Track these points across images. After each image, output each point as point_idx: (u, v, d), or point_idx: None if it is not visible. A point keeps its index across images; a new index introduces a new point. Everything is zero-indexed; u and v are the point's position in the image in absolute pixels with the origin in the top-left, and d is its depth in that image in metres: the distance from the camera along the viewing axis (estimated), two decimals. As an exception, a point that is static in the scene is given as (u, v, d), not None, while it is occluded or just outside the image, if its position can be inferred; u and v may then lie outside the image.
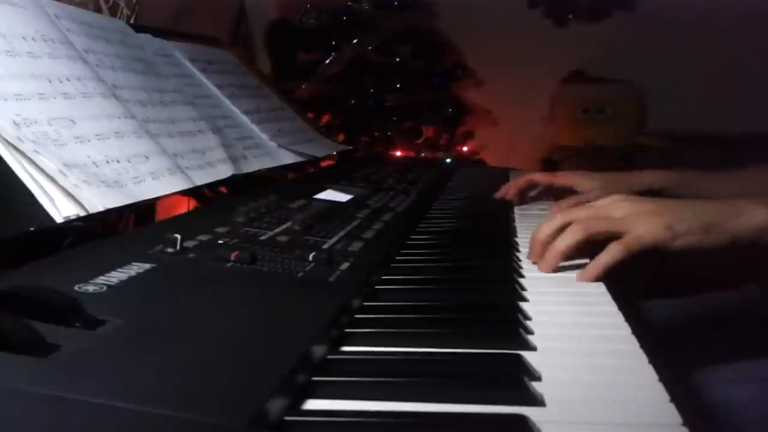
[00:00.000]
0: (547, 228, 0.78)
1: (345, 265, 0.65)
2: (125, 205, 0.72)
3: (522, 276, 0.75)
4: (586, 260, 0.77)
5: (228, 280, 0.59)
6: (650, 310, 1.05)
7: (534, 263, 0.79)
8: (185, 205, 1.04)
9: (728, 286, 1.09)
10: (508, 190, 1.19)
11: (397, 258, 0.80)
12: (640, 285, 0.91)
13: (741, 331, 0.99)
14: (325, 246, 0.72)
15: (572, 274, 0.76)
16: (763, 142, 2.23)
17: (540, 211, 1.14)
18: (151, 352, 0.42)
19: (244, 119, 1.20)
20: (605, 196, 0.82)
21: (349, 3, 2.62)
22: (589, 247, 0.77)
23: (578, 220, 0.76)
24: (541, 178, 1.19)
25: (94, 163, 0.72)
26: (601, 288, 0.71)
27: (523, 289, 0.70)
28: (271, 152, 1.19)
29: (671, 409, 0.44)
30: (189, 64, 1.16)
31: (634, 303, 0.98)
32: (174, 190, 0.83)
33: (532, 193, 1.23)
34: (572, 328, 0.59)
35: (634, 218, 0.74)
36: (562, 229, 0.76)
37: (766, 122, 2.33)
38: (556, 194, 1.20)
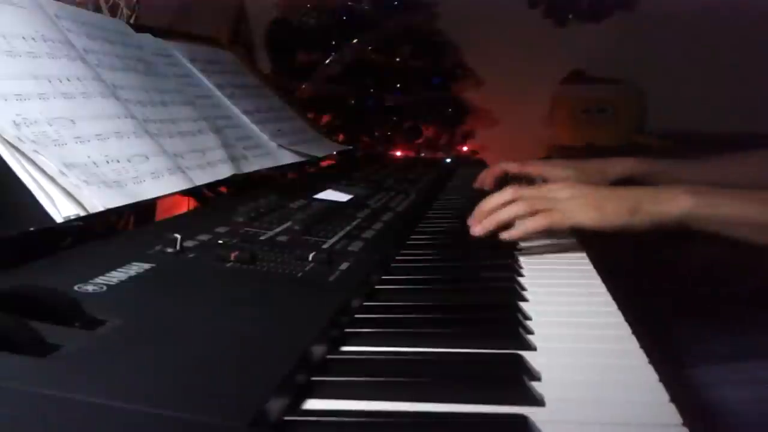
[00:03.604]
0: (495, 199, 0.86)
1: (345, 265, 0.65)
2: (125, 205, 0.72)
3: (522, 276, 0.75)
4: (583, 254, 0.84)
5: (228, 280, 0.59)
6: (650, 310, 1.05)
7: (468, 225, 0.86)
8: (185, 205, 1.04)
9: (728, 285, 1.09)
10: (485, 180, 1.21)
11: (397, 258, 0.80)
12: (640, 285, 0.92)
13: (740, 332, 0.99)
14: (325, 246, 0.72)
15: (572, 275, 0.76)
16: (763, 142, 2.23)
17: None
18: (151, 352, 0.42)
19: (244, 119, 1.20)
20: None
21: (349, 3, 2.62)
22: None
23: (523, 197, 0.84)
24: (513, 167, 1.20)
25: (94, 163, 0.72)
26: (601, 288, 0.71)
27: (523, 289, 0.70)
28: (271, 152, 1.19)
29: (671, 409, 0.44)
30: (189, 64, 1.16)
31: (634, 303, 0.98)
32: (174, 190, 0.83)
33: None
34: (572, 328, 0.59)
35: (570, 200, 0.83)
36: (507, 203, 0.84)
37: (766, 122, 2.33)
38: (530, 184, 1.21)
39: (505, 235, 0.83)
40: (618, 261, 0.80)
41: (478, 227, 0.85)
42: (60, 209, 0.63)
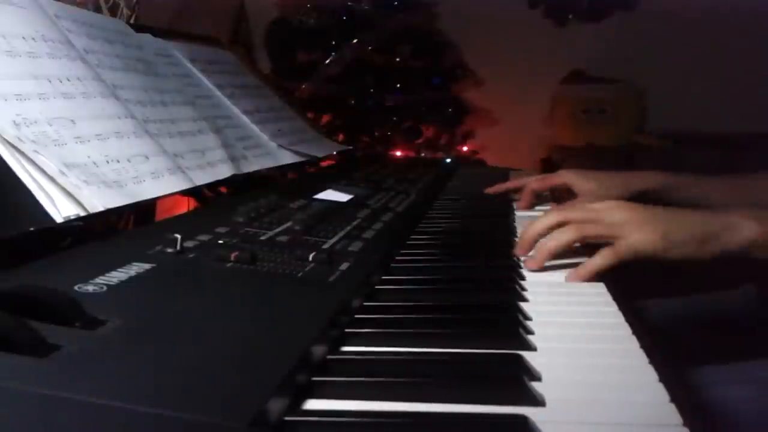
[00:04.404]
0: (541, 224, 0.78)
1: (345, 265, 0.65)
2: (125, 205, 0.72)
3: (522, 276, 0.75)
4: (584, 254, 0.77)
5: (228, 280, 0.59)
6: (650, 310, 1.05)
7: (520, 257, 0.79)
8: (185, 205, 1.04)
9: (727, 286, 1.09)
10: (521, 204, 1.16)
11: (397, 258, 0.80)
12: (640, 285, 0.91)
13: (740, 332, 0.99)
14: (325, 246, 0.72)
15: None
16: (763, 142, 2.23)
17: (539, 212, 1.14)
18: (151, 352, 0.42)
19: (244, 119, 1.20)
20: (602, 199, 0.81)
21: (349, 3, 2.62)
22: (583, 249, 0.77)
23: (573, 220, 0.76)
24: (538, 185, 1.16)
25: (94, 163, 0.72)
26: (601, 288, 0.71)
27: (523, 289, 0.70)
28: (271, 152, 1.19)
29: (671, 409, 0.44)
30: (189, 64, 1.16)
31: (634, 303, 0.98)
32: (174, 190, 0.83)
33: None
34: (572, 328, 0.59)
35: (630, 225, 0.74)
36: (554, 228, 0.77)
37: (766, 122, 2.33)
38: (553, 194, 1.20)
39: (571, 278, 0.74)
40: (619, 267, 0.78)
41: (531, 262, 0.76)
42: (60, 209, 0.63)
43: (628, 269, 0.74)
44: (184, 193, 0.87)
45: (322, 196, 0.99)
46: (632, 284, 0.78)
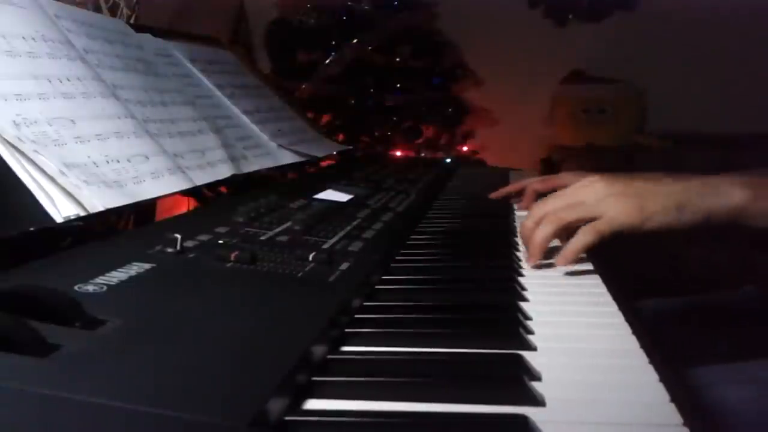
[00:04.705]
0: (527, 222, 0.80)
1: (345, 265, 0.65)
2: (125, 205, 0.72)
3: (522, 276, 0.75)
4: (583, 254, 0.77)
5: (228, 280, 0.59)
6: (650, 310, 1.05)
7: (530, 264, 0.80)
8: (185, 205, 1.04)
9: (727, 286, 1.09)
10: (522, 204, 1.16)
11: (397, 258, 0.80)
12: (640, 285, 0.91)
13: (740, 332, 0.99)
14: (325, 246, 0.72)
15: (573, 275, 0.76)
16: (763, 142, 2.23)
17: None
18: (151, 352, 0.42)
19: (244, 119, 1.20)
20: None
21: (349, 3, 2.62)
22: (568, 232, 0.78)
23: (551, 211, 0.78)
24: (541, 186, 1.18)
25: (94, 163, 0.72)
26: (601, 288, 0.71)
27: (523, 289, 0.70)
28: (271, 152, 1.19)
29: (671, 409, 0.44)
30: (189, 64, 1.16)
31: (634, 303, 0.98)
32: (174, 190, 0.83)
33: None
34: (572, 328, 0.59)
35: (606, 201, 0.74)
36: (539, 224, 0.78)
37: (766, 122, 2.33)
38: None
39: (559, 262, 0.76)
40: (619, 261, 0.78)
41: (529, 260, 0.78)
42: (60, 209, 0.63)
43: (629, 269, 0.74)
44: (184, 193, 0.87)
45: (322, 196, 0.99)
46: (632, 284, 0.78)
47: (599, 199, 0.75)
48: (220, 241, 0.68)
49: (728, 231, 0.75)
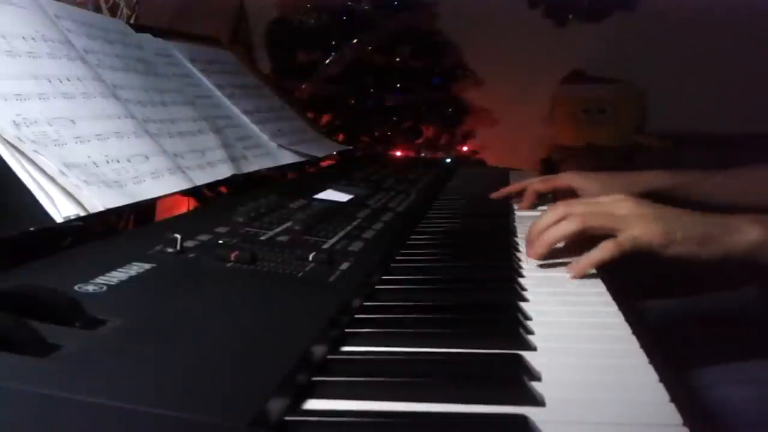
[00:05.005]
0: (547, 218, 0.79)
1: (345, 265, 0.65)
2: (125, 205, 0.72)
3: (522, 276, 0.75)
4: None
5: (228, 280, 0.59)
6: (650, 310, 1.05)
7: (529, 256, 0.80)
8: (185, 205, 1.04)
9: (727, 286, 1.09)
10: (523, 204, 1.17)
11: (397, 258, 0.80)
12: (640, 285, 0.91)
13: (740, 332, 0.99)
14: (325, 246, 0.72)
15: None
16: (762, 142, 2.23)
17: (540, 211, 1.14)
18: (151, 352, 0.42)
19: (244, 119, 1.20)
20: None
21: (349, 3, 2.62)
22: (585, 242, 0.77)
23: (577, 212, 0.77)
24: (541, 186, 1.18)
25: (94, 163, 0.72)
26: (601, 288, 0.71)
27: (523, 289, 0.70)
28: (271, 152, 1.19)
29: (671, 409, 0.44)
30: (189, 64, 1.16)
31: (634, 303, 0.98)
32: (174, 190, 0.83)
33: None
34: (572, 328, 0.59)
35: (633, 218, 0.74)
36: (559, 221, 0.77)
37: (766, 122, 2.33)
38: (556, 195, 1.20)
39: (571, 270, 0.74)
40: (619, 261, 0.78)
41: (531, 251, 0.79)
42: (60, 209, 0.63)
43: (628, 269, 0.74)
44: (184, 193, 0.87)
45: (322, 196, 0.99)
46: (632, 284, 0.78)
47: (627, 215, 0.75)
48: (220, 241, 0.68)
49: (743, 270, 0.76)
